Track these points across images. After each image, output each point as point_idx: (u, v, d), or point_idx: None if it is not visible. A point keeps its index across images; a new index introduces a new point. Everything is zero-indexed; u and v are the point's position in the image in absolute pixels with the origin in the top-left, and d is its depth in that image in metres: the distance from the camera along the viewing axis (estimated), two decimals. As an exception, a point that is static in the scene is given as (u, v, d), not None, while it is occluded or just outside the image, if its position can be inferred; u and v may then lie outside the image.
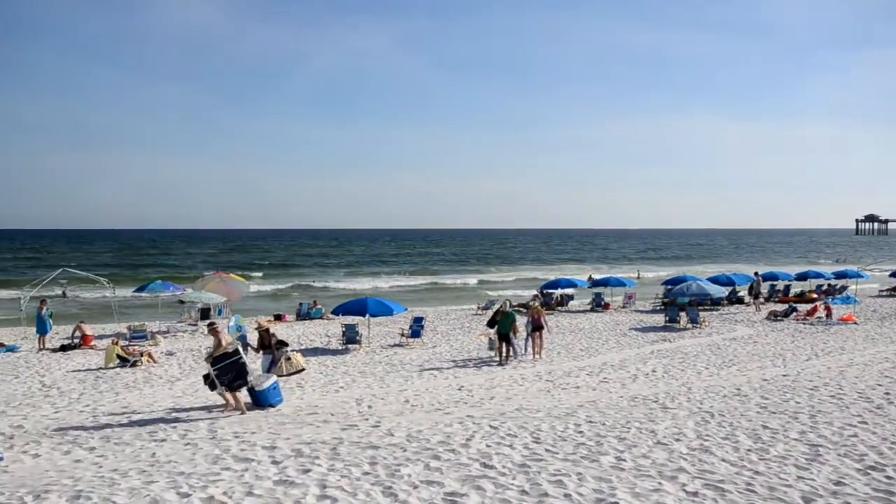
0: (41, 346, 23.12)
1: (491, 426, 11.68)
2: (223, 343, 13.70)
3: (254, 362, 17.96)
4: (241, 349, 13.77)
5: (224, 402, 13.43)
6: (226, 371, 13.26)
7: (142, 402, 14.57)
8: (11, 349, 22.93)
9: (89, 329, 24.44)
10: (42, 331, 23.59)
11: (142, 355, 19.92)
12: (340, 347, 22.71)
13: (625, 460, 9.61)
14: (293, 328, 28.54)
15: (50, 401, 14.96)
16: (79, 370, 19.07)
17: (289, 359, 14.35)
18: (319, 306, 32.98)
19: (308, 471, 9.13)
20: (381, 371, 18.37)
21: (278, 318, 31.91)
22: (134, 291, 30.37)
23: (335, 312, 24.61)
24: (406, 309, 26.20)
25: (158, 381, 17.10)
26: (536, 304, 21.94)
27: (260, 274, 66.27)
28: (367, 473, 9.01)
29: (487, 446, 10.35)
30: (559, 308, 35.36)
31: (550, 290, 36.99)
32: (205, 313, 29.51)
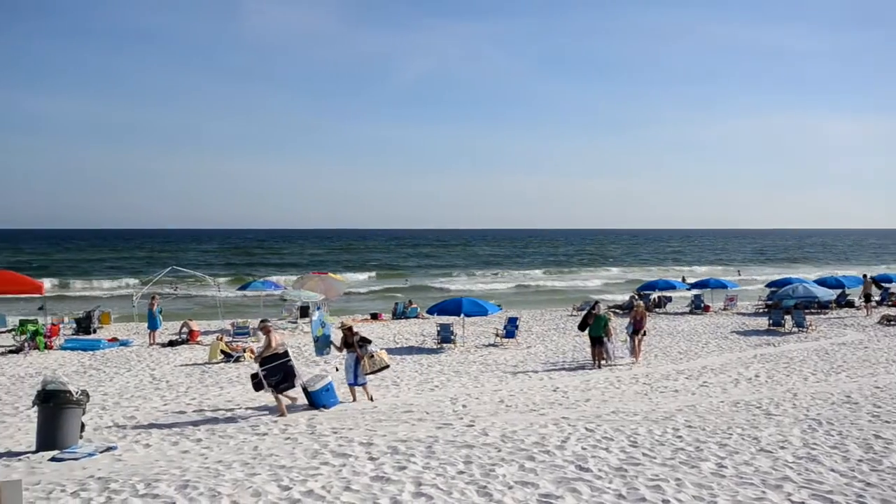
0: (151, 341, 24.20)
1: (587, 428, 11.55)
2: (273, 343, 13.70)
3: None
4: (289, 351, 13.71)
5: (280, 403, 13.28)
6: (274, 372, 13.25)
7: (244, 397, 15.05)
8: (125, 343, 24.09)
9: (196, 325, 25.40)
10: (153, 326, 24.72)
11: (244, 351, 20.59)
12: (435, 347, 22.88)
13: (726, 467, 9.32)
14: (388, 327, 28.92)
15: (160, 393, 15.63)
16: (186, 364, 19.85)
17: (371, 356, 14.37)
18: (415, 306, 33.33)
19: (404, 468, 9.23)
20: (476, 371, 18.41)
21: (374, 316, 32.40)
22: (238, 289, 31.44)
23: (430, 312, 24.83)
24: (500, 309, 26.20)
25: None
26: (641, 305, 21.36)
27: (370, 275, 66.34)
28: (461, 472, 9.04)
29: (583, 449, 10.23)
30: (657, 310, 34.63)
31: (647, 292, 36.26)
32: (304, 311, 30.23)
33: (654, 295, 35.94)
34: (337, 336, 15.74)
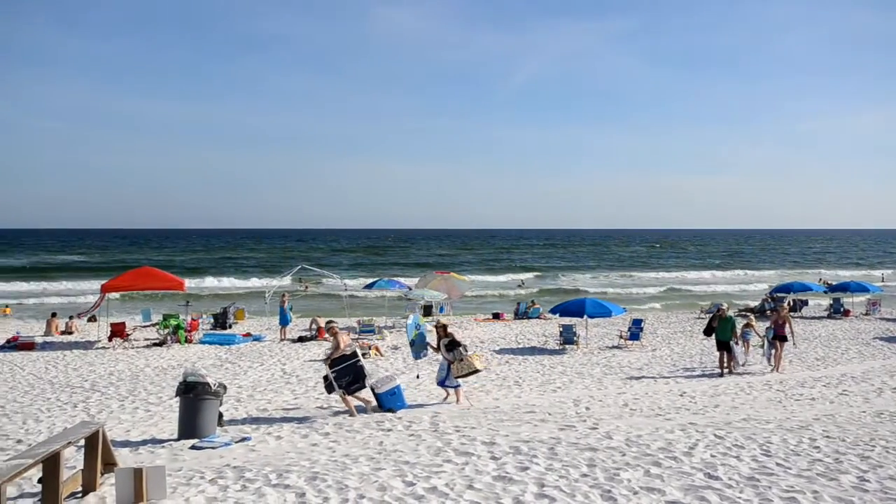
0: (282, 337, 25.16)
1: (716, 435, 11.16)
2: (342, 345, 13.71)
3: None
4: (358, 351, 13.66)
5: (349, 404, 13.32)
6: (344, 373, 13.26)
7: (367, 393, 15.39)
8: (257, 339, 25.16)
9: (323, 321, 26.22)
10: (283, 322, 25.71)
11: (370, 348, 21.08)
12: (558, 347, 22.71)
13: (868, 481, 8.79)
14: (510, 327, 28.92)
15: (290, 387, 16.23)
16: (314, 360, 20.52)
17: (461, 359, 14.20)
18: (537, 306, 33.19)
19: (526, 468, 9.21)
20: (599, 373, 18.15)
21: (496, 316, 32.47)
22: (363, 288, 32.24)
23: (553, 312, 24.65)
24: (625, 310, 25.69)
25: (384, 374, 17.98)
26: (784, 308, 20.30)
27: (515, 276, 65.73)
28: (585, 475, 8.93)
29: (712, 456, 9.89)
30: (792, 314, 33.05)
31: (782, 294, 34.69)
32: (427, 310, 30.67)
33: (790, 298, 34.34)
34: (433, 337, 15.77)
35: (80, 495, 8.30)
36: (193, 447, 10.83)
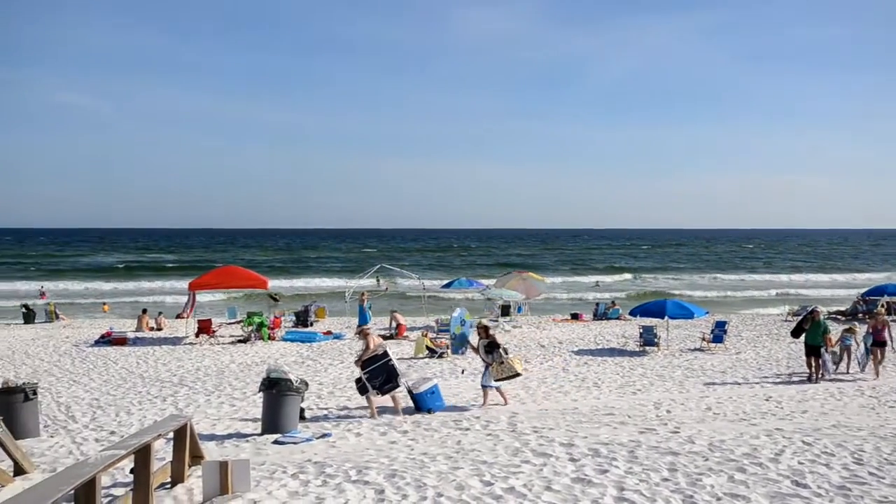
0: (361, 335, 25.48)
1: (804, 442, 10.80)
2: (372, 345, 13.62)
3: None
4: (389, 351, 13.57)
5: (369, 406, 13.24)
6: (376, 374, 13.15)
7: (447, 392, 15.46)
8: (337, 337, 25.56)
9: (403, 319, 26.49)
10: (363, 321, 26.05)
11: (447, 348, 21.16)
12: (637, 349, 22.35)
13: (970, 494, 8.36)
14: (589, 328, 28.61)
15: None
16: (397, 358, 20.68)
17: (501, 362, 14.02)
18: (617, 307, 32.74)
19: (605, 471, 9.10)
20: (681, 375, 17.79)
21: (575, 317, 32.17)
22: (441, 287, 32.40)
23: (633, 314, 24.28)
24: (707, 312, 25.10)
25: (462, 374, 18.03)
26: (881, 312, 19.32)
27: (594, 280, 64.58)
28: (666, 479, 8.77)
29: (800, 463, 9.58)
30: (888, 317, 31.65)
31: (874, 297, 33.29)
32: (505, 310, 30.61)
33: (884, 300, 32.92)
34: (476, 337, 15.64)
35: (168, 486, 8.60)
36: (276, 442, 11.09)
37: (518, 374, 14.21)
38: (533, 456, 9.91)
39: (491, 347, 14.11)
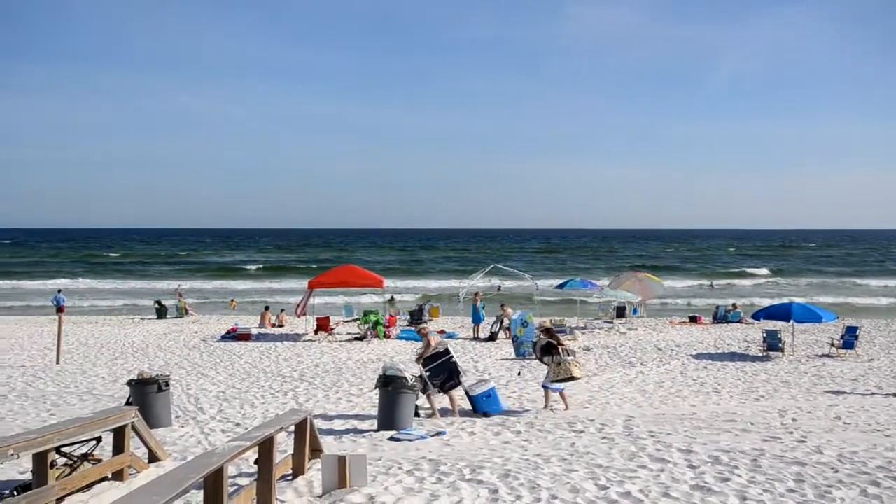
0: (475, 335, 25.62)
1: (945, 456, 10.10)
2: (432, 343, 13.48)
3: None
4: (450, 349, 13.43)
5: (429, 404, 13.12)
6: (438, 372, 13.01)
7: (461, 394, 15.31)
8: (451, 336, 25.78)
9: (510, 310, 26.47)
10: (476, 320, 26.17)
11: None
12: (760, 354, 21.50)
13: None
14: (708, 331, 27.74)
15: (482, 385, 16.47)
16: (506, 359, 20.72)
17: (559, 364, 13.64)
18: (738, 309, 31.60)
19: (727, 479, 8.79)
20: (808, 382, 16.99)
21: (693, 319, 31.26)
22: (555, 287, 32.15)
23: (755, 317, 23.36)
24: (836, 317, 23.87)
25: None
26: None
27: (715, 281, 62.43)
28: (791, 490, 8.39)
29: (940, 479, 8.96)
30: None
31: None
32: (620, 311, 30.08)
33: None
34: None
35: (290, 478, 8.90)
36: (392, 438, 11.29)
37: (575, 378, 13.80)
38: (650, 461, 9.69)
39: (549, 349, 13.83)
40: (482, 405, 13.25)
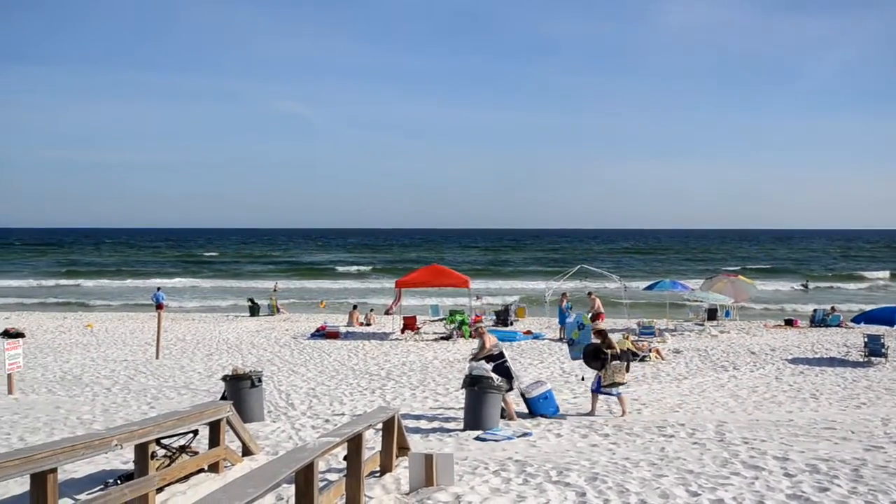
0: (561, 336, 25.39)
1: None
2: (488, 344, 13.27)
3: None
4: (505, 352, 13.19)
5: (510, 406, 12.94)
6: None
7: (650, 397, 15.07)
8: (537, 337, 25.66)
9: (598, 302, 26.30)
10: (562, 321, 25.92)
11: (650, 351, 20.61)
12: (862, 360, 20.59)
13: None
14: (805, 335, 26.74)
15: (569, 386, 16.36)
16: (593, 360, 20.45)
17: (607, 368, 13.24)
18: (837, 313, 30.36)
19: (826, 489, 8.46)
20: (914, 390, 16.19)
21: (789, 323, 30.19)
22: (644, 289, 31.59)
23: (856, 321, 22.44)
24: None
25: (666, 378, 17.51)
26: None
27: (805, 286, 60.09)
28: (896, 503, 8.02)
29: None
30: None
31: None
32: (711, 314, 29.31)
33: None
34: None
35: (377, 474, 9.02)
36: (478, 438, 11.31)
37: (619, 383, 13.35)
38: (743, 468, 9.41)
39: (596, 353, 13.46)
40: (538, 407, 13.13)
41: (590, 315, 25.28)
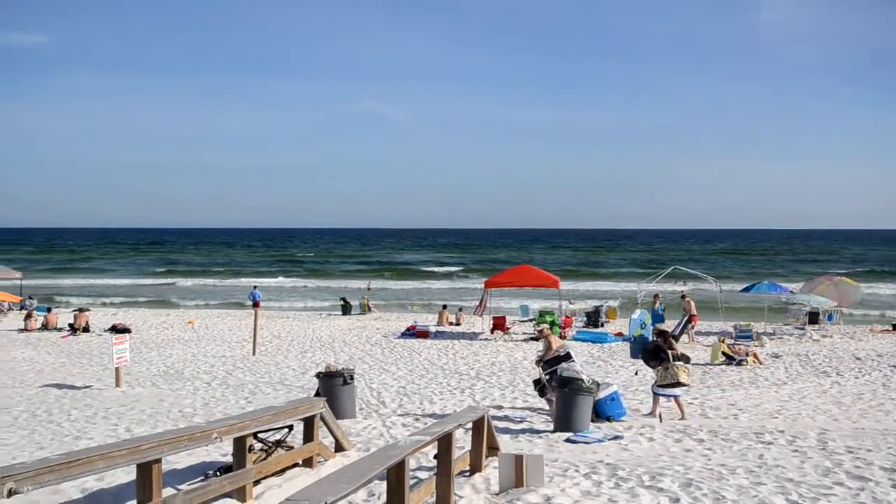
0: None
1: None
2: (554, 345, 13.03)
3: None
4: (571, 353, 12.95)
5: (549, 408, 12.85)
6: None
7: (747, 402, 14.61)
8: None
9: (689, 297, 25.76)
10: (654, 322, 25.43)
11: (747, 355, 19.98)
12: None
13: None
14: (916, 340, 25.41)
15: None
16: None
17: (667, 368, 12.70)
18: (951, 318, 28.74)
19: (938, 504, 8.03)
20: None
21: (897, 327, 28.74)
22: (740, 290, 30.67)
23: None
24: None
25: (764, 383, 16.94)
26: None
27: None
28: None
29: None
30: None
31: None
32: (813, 317, 28.20)
33: None
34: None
35: (467, 474, 9.05)
36: (568, 440, 11.21)
37: (682, 384, 13.04)
38: (847, 478, 9.02)
39: (656, 352, 13.15)
40: (605, 409, 12.89)
41: (685, 318, 24.74)
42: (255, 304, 33.99)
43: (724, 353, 19.98)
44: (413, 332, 26.39)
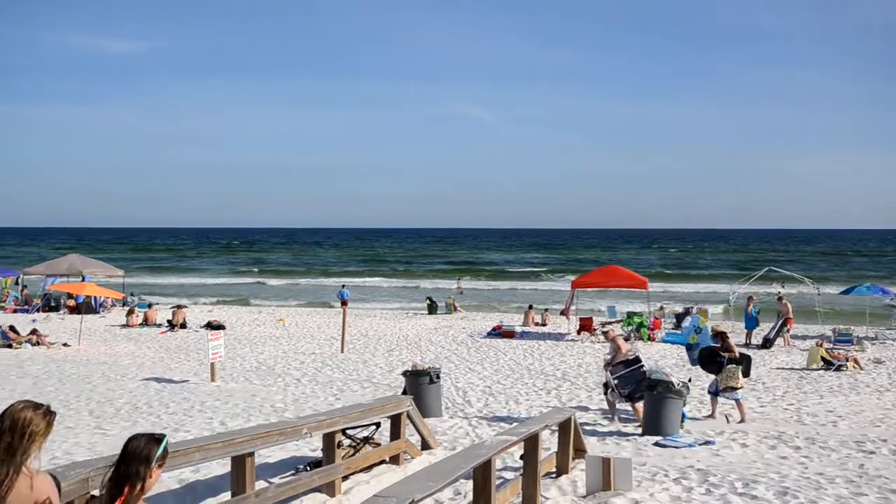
0: (747, 341, 24.16)
1: None
2: (623, 349, 12.67)
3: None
4: (640, 356, 12.60)
5: (610, 409, 12.84)
6: (626, 381, 12.20)
7: (847, 409, 14.03)
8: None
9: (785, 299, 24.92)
10: (749, 326, 24.72)
11: (847, 360, 19.18)
12: None
13: None
14: None
15: (755, 394, 15.50)
16: (782, 368, 19.35)
17: (724, 372, 12.13)
18: None
19: None
20: None
21: None
22: (840, 293, 29.48)
23: None
24: None
25: (865, 390, 16.24)
26: None
27: None
28: None
29: None
30: None
31: None
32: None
33: None
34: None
35: (553, 475, 8.99)
36: (657, 444, 11.01)
37: (735, 388, 12.66)
38: (957, 492, 8.56)
39: (712, 356, 12.91)
40: None
41: (781, 321, 23.93)
42: (344, 303, 34.57)
43: (822, 358, 19.22)
44: (499, 332, 26.36)
